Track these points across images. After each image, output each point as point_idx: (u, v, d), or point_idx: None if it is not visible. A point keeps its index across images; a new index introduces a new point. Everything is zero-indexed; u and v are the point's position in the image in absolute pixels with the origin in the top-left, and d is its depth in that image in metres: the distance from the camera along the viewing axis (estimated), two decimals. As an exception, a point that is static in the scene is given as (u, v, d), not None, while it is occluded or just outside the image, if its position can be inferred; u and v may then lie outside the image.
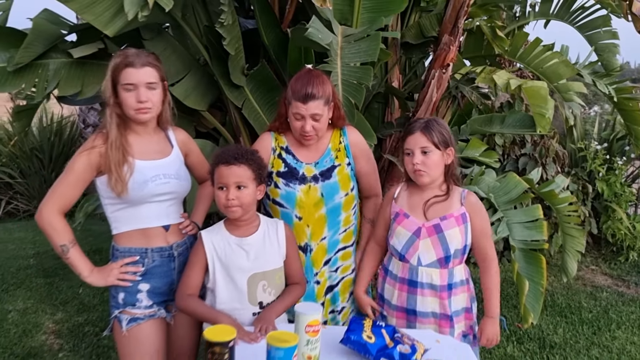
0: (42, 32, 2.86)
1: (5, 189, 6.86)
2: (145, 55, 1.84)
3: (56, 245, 1.80)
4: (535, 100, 3.33)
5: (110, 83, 1.81)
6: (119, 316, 1.86)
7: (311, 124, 1.97)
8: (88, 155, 1.79)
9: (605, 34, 4.14)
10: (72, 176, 1.80)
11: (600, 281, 4.39)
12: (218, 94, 3.45)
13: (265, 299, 1.87)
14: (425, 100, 3.52)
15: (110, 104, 1.81)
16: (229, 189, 1.80)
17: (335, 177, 2.06)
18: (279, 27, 3.28)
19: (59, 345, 3.23)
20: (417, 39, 3.78)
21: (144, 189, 1.82)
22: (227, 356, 1.22)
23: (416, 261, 1.92)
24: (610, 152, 5.16)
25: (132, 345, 1.85)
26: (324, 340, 1.57)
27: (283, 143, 2.10)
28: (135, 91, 1.79)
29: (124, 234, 1.88)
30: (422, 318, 1.93)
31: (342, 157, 2.09)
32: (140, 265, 1.87)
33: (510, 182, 3.15)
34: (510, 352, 3.14)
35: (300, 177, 2.05)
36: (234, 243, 1.86)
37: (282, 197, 2.05)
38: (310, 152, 2.09)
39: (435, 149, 1.90)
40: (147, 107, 1.82)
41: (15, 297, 3.93)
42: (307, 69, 2.07)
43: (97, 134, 1.83)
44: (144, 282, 1.88)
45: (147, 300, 1.89)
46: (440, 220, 1.92)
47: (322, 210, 2.05)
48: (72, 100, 3.46)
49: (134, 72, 1.79)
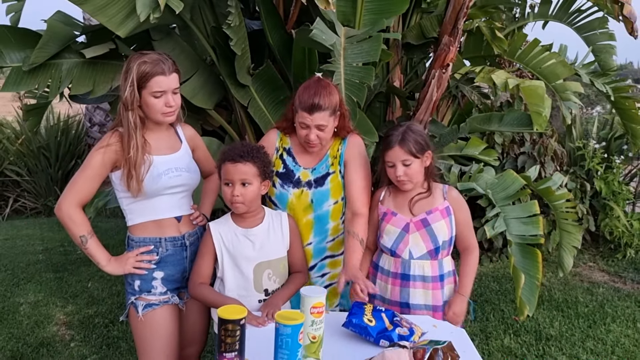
0: (55, 33, 2.97)
1: (13, 186, 6.98)
2: (170, 61, 1.90)
3: (75, 237, 1.88)
4: (533, 99, 3.43)
5: (135, 89, 1.85)
6: (135, 302, 1.95)
7: (316, 134, 2.02)
8: (104, 152, 1.87)
9: (602, 35, 4.23)
10: (89, 171, 1.87)
11: (598, 277, 4.47)
12: (224, 93, 3.55)
13: (270, 286, 1.98)
14: (425, 99, 3.61)
15: (133, 108, 1.86)
16: (234, 185, 1.90)
17: (328, 184, 2.10)
18: (284, 29, 3.38)
19: (70, 335, 3.33)
20: (418, 39, 3.87)
21: (157, 182, 1.91)
22: (238, 333, 1.32)
23: (408, 255, 2.03)
24: (608, 150, 5.24)
25: (147, 329, 1.94)
26: (327, 324, 1.66)
27: (287, 144, 2.17)
28: (164, 97, 1.88)
29: (138, 225, 1.96)
30: (415, 310, 2.02)
31: (336, 164, 2.13)
32: (155, 254, 1.96)
33: (508, 179, 3.23)
34: (507, 344, 3.23)
35: (295, 180, 2.12)
36: (240, 234, 1.96)
37: (276, 196, 2.14)
38: (310, 158, 2.14)
39: (415, 158, 2.00)
40: (174, 110, 1.92)
41: (26, 291, 4.03)
42: (316, 77, 2.08)
43: (113, 132, 1.90)
44: (159, 270, 1.97)
45: (162, 287, 1.98)
46: (426, 215, 2.03)
47: (310, 216, 2.10)
48: (83, 99, 3.57)
49: (165, 80, 1.86)
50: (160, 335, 1.95)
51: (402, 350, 1.36)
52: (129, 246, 1.99)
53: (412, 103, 3.94)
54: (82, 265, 4.58)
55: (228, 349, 1.32)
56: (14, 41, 2.98)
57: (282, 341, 1.36)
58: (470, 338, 3.24)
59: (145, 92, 1.87)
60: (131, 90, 1.85)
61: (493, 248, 4.69)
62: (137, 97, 1.86)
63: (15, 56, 3.00)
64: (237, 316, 1.32)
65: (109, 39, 3.15)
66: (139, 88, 1.86)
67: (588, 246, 5.15)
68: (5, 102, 13.39)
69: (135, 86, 1.85)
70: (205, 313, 2.11)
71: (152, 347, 1.94)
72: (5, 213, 6.74)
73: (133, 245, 1.97)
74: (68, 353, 3.10)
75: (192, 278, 1.98)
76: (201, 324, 2.13)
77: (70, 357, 3.07)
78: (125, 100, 1.86)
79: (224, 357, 1.33)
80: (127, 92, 1.85)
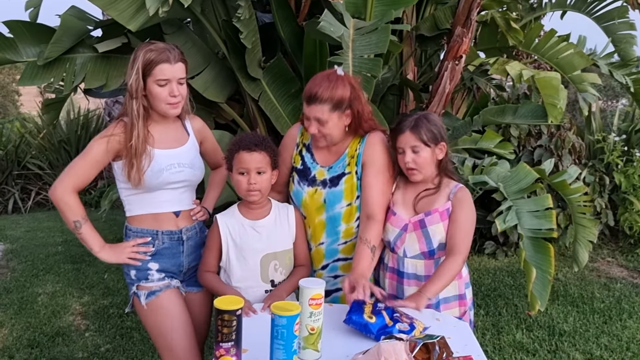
0: (69, 28, 3.02)
1: (35, 180, 7.13)
2: (177, 51, 1.88)
3: (69, 221, 1.87)
4: (548, 90, 3.37)
5: (140, 77, 1.83)
6: (137, 292, 1.96)
7: (316, 127, 1.95)
8: (107, 141, 1.85)
9: (621, 24, 4.14)
10: (89, 158, 1.86)
11: (616, 273, 4.39)
12: (236, 86, 3.57)
13: (276, 277, 1.99)
14: (438, 91, 3.58)
15: (137, 97, 1.84)
16: (250, 174, 1.92)
17: (342, 185, 2.03)
18: (295, 21, 3.38)
19: (85, 325, 3.40)
20: (431, 31, 3.83)
21: (158, 177, 1.90)
22: (234, 323, 1.33)
23: (402, 253, 1.99)
24: (629, 143, 5.13)
25: (155, 315, 1.94)
26: (328, 319, 1.67)
27: (307, 140, 2.12)
28: (168, 86, 1.84)
29: (136, 216, 1.96)
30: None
31: (353, 164, 2.03)
32: (151, 246, 1.96)
33: (521, 172, 3.18)
34: (519, 339, 3.20)
35: (310, 178, 2.07)
36: (247, 225, 1.98)
37: (293, 193, 2.12)
38: (329, 155, 2.07)
39: (425, 146, 1.91)
40: (178, 101, 1.88)
41: (44, 282, 4.12)
42: (328, 71, 1.99)
43: (118, 122, 1.89)
44: (154, 262, 1.97)
45: (158, 274, 1.97)
46: (425, 216, 1.96)
47: (323, 216, 2.06)
48: (97, 93, 3.63)
49: (169, 68, 1.83)
50: (172, 315, 1.94)
51: (397, 343, 1.35)
52: (126, 235, 2.00)
53: (425, 95, 3.91)
54: (100, 257, 4.66)
55: (224, 339, 1.34)
56: (29, 36, 3.04)
57: (277, 332, 1.37)
58: (481, 333, 3.26)
59: (150, 80, 1.84)
60: (136, 77, 1.83)
61: (508, 242, 4.64)
62: (142, 85, 1.83)
63: (30, 51, 3.06)
64: (234, 307, 1.33)
65: (122, 34, 3.18)
66: (144, 76, 1.83)
67: (607, 241, 5.06)
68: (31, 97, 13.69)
69: (140, 74, 1.83)
70: (207, 304, 2.12)
71: (165, 328, 1.93)
72: (28, 206, 6.89)
73: (130, 235, 1.97)
74: (82, 342, 3.17)
75: (200, 268, 2.02)
76: (204, 314, 2.13)
77: (84, 346, 3.13)
78: (130, 88, 1.85)
79: (220, 347, 1.34)
80: (132, 79, 1.84)
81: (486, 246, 4.67)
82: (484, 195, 4.14)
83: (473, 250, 4.77)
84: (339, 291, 2.07)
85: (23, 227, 5.79)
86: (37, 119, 7.80)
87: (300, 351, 1.50)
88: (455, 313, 2.01)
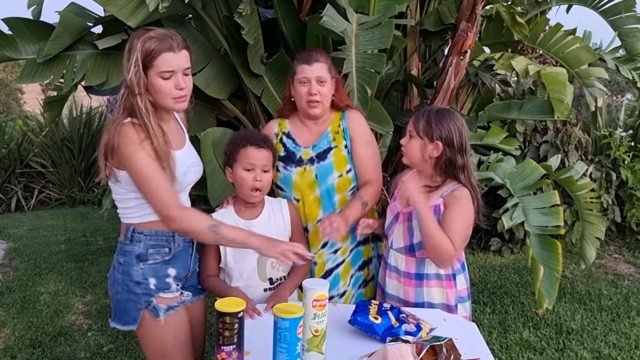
0: (69, 24, 2.98)
1: (38, 178, 7.12)
2: (179, 37, 1.67)
3: (205, 233, 1.67)
4: (554, 85, 3.32)
5: (141, 69, 1.62)
6: (157, 305, 1.73)
7: (317, 88, 2.04)
8: (142, 148, 1.63)
9: (628, 18, 4.07)
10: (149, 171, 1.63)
11: (623, 269, 4.34)
12: (238, 83, 3.53)
13: (274, 275, 1.97)
14: (443, 87, 3.53)
15: (141, 92, 1.63)
16: (256, 170, 1.90)
17: (331, 158, 2.10)
18: (298, 17, 3.33)
19: (87, 325, 3.38)
20: (435, 26, 3.78)
21: (186, 179, 1.76)
22: (236, 326, 1.30)
23: (390, 243, 1.99)
24: (635, 139, 5.07)
25: (167, 335, 1.74)
26: (332, 320, 1.64)
27: (285, 128, 2.19)
28: (174, 78, 1.65)
29: (150, 222, 1.74)
30: (389, 299, 1.98)
31: (339, 139, 2.13)
32: (167, 250, 1.76)
33: (527, 168, 3.15)
34: (526, 337, 3.16)
35: (297, 160, 2.12)
36: (242, 225, 1.94)
37: (281, 180, 2.14)
38: (311, 135, 2.15)
39: (417, 136, 1.91)
40: (185, 94, 1.68)
41: (47, 281, 4.10)
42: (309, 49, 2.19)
43: (134, 125, 1.65)
44: (171, 267, 1.77)
45: (176, 286, 1.79)
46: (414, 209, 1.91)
47: (316, 192, 2.11)
48: (97, 91, 3.59)
49: (173, 58, 1.63)
50: (181, 336, 1.77)
51: (404, 345, 1.32)
52: (133, 240, 1.74)
53: (430, 91, 3.86)
54: (102, 256, 4.65)
55: (226, 342, 1.31)
56: (29, 33, 3.00)
57: (280, 335, 1.34)
58: (488, 331, 3.22)
59: (152, 72, 1.63)
60: (136, 70, 1.61)
61: (514, 239, 4.59)
62: (144, 78, 1.62)
63: (30, 48, 3.02)
64: (235, 309, 1.30)
65: (122, 30, 3.14)
66: (144, 68, 1.62)
67: (614, 237, 5.01)
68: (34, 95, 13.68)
69: (141, 66, 1.61)
70: (204, 314, 1.99)
71: (172, 350, 1.75)
72: (31, 204, 6.89)
73: (142, 239, 1.73)
74: (85, 342, 3.14)
75: (202, 272, 1.97)
76: (202, 323, 1.99)
77: (87, 346, 3.10)
78: (131, 83, 1.63)
79: (222, 351, 1.31)
80: (131, 73, 1.62)
81: (492, 243, 4.62)
82: (489, 192, 4.10)
83: (478, 247, 4.73)
84: (339, 266, 2.15)
85: (26, 226, 5.78)
86: (39, 117, 7.78)
87: (304, 353, 1.46)
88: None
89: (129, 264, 1.74)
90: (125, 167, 1.66)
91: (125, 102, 1.67)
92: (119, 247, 1.79)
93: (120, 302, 1.76)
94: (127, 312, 1.75)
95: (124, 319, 1.76)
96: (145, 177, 1.63)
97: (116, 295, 1.77)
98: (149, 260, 1.74)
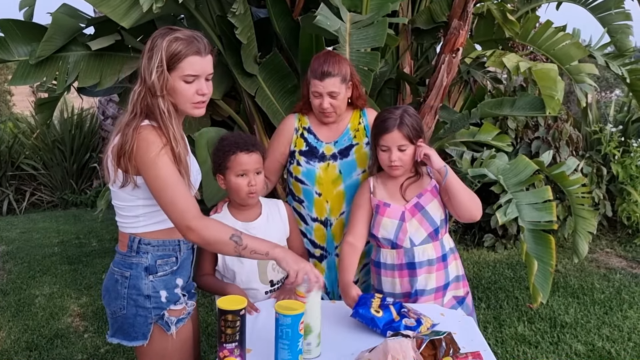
0: (61, 25, 2.97)
1: (29, 180, 7.07)
2: (205, 40, 1.60)
3: (227, 244, 1.55)
4: (545, 82, 3.35)
5: (165, 70, 1.54)
6: (169, 319, 1.66)
7: (329, 101, 2.06)
8: (165, 152, 1.55)
9: (617, 15, 4.11)
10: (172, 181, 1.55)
11: (615, 263, 4.39)
12: (232, 82, 3.53)
13: (275, 277, 1.98)
14: (435, 85, 3.55)
15: (163, 94, 1.56)
16: (250, 175, 1.89)
17: (353, 155, 2.16)
18: (290, 16, 3.34)
19: (84, 327, 3.37)
20: (427, 24, 3.80)
21: (195, 185, 1.70)
22: (238, 323, 1.31)
23: (409, 243, 1.97)
24: (625, 134, 5.13)
25: (177, 347, 1.68)
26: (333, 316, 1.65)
27: (305, 124, 2.21)
28: (196, 82, 1.57)
29: (156, 231, 1.66)
30: (421, 296, 1.97)
31: (360, 136, 2.18)
32: (175, 259, 1.69)
33: (520, 164, 3.17)
34: (521, 332, 3.19)
35: (320, 155, 2.16)
36: (241, 228, 1.93)
37: (303, 174, 2.17)
38: (330, 132, 2.19)
39: (411, 144, 1.94)
40: (205, 100, 1.61)
41: (41, 283, 4.08)
42: (326, 50, 2.19)
43: (154, 128, 1.57)
44: (179, 277, 1.70)
45: (182, 296, 1.72)
46: (418, 198, 1.98)
47: (341, 187, 2.15)
48: (91, 92, 3.58)
49: (200, 62, 1.56)
50: (189, 351, 1.74)
51: (404, 340, 1.33)
52: (140, 252, 1.65)
53: (422, 89, 3.88)
54: (97, 257, 4.63)
55: (228, 339, 1.31)
56: (21, 35, 2.99)
57: (282, 331, 1.35)
58: (483, 326, 3.25)
59: (175, 75, 1.55)
60: (160, 71, 1.53)
61: (507, 235, 4.63)
62: (168, 80, 1.54)
63: (22, 50, 3.01)
64: (237, 307, 1.31)
65: (115, 31, 3.14)
66: (168, 69, 1.55)
67: (605, 232, 5.06)
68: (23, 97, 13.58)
69: (165, 67, 1.53)
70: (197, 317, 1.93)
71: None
72: (23, 207, 6.84)
73: (149, 250, 1.64)
74: (82, 344, 3.14)
75: (197, 272, 1.96)
76: (197, 329, 1.93)
77: (83, 348, 3.10)
78: (153, 85, 1.54)
79: (224, 348, 1.32)
80: (154, 74, 1.53)
81: (485, 239, 4.66)
82: (481, 189, 4.13)
83: (472, 244, 4.77)
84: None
85: (18, 229, 5.75)
86: (30, 119, 7.74)
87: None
88: (454, 293, 2.04)
89: (137, 277, 1.63)
90: (144, 173, 1.56)
91: (141, 104, 1.58)
92: (120, 259, 1.67)
93: (126, 317, 1.65)
94: (136, 327, 1.65)
95: (132, 334, 1.66)
96: (167, 184, 1.54)
97: (120, 311, 1.66)
98: (158, 272, 1.66)
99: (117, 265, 1.68)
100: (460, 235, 4.87)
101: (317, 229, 2.20)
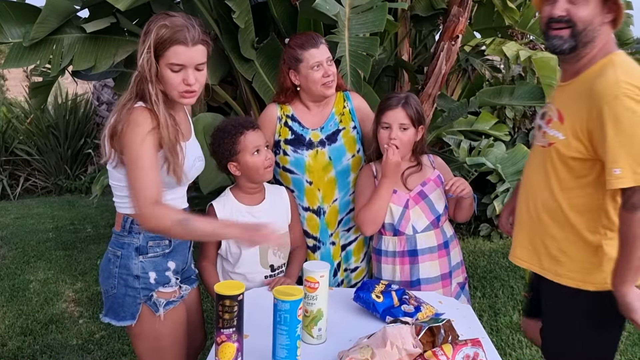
0: (55, 7, 2.91)
1: (23, 165, 7.01)
2: (197, 30, 1.55)
3: (177, 230, 1.52)
4: (545, 71, 3.33)
5: (152, 56, 1.52)
6: (157, 300, 1.65)
7: (330, 69, 2.02)
8: (151, 135, 1.54)
9: (618, 4, 4.08)
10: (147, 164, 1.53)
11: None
12: (229, 68, 3.49)
13: (275, 262, 1.98)
14: (434, 72, 3.53)
15: (152, 80, 1.54)
16: (262, 150, 1.92)
17: (341, 140, 2.10)
18: (288, 0, 3.30)
19: (79, 312, 3.35)
20: (426, 11, 3.77)
21: (190, 173, 1.69)
22: (236, 308, 1.29)
23: (411, 230, 1.97)
24: (622, 125, 5.12)
25: (166, 329, 1.68)
26: (333, 301, 1.64)
27: (288, 111, 2.13)
28: (183, 72, 1.54)
29: None
30: (426, 285, 1.97)
31: (346, 120, 2.13)
32: (168, 242, 1.69)
33: (518, 153, 3.18)
34: (516, 320, 3.20)
35: (307, 142, 2.09)
36: (245, 211, 1.94)
37: (292, 163, 2.10)
38: (315, 118, 2.13)
39: (412, 126, 1.95)
40: (194, 89, 1.58)
41: (36, 269, 4.06)
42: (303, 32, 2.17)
43: (144, 108, 1.56)
44: (171, 261, 1.71)
45: (175, 280, 1.72)
46: (422, 187, 2.00)
47: (332, 173, 2.09)
48: (85, 75, 3.53)
49: (185, 52, 1.51)
50: (180, 335, 1.72)
51: (403, 326, 1.32)
52: (134, 232, 1.65)
53: (420, 77, 3.86)
54: (92, 243, 4.61)
55: (225, 325, 1.30)
56: (14, 17, 2.94)
57: (280, 317, 1.33)
58: (478, 314, 3.24)
59: (162, 62, 1.53)
60: (148, 57, 1.52)
61: (503, 224, 4.63)
62: (155, 66, 1.53)
63: (15, 32, 2.96)
64: (235, 292, 1.29)
65: (110, 13, 3.09)
66: (156, 56, 1.52)
67: (600, 222, 5.07)
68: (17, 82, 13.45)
69: (152, 54, 1.51)
70: (200, 301, 1.94)
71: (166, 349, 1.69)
72: (17, 192, 6.79)
73: (141, 231, 1.64)
74: (77, 329, 3.12)
75: (200, 257, 1.97)
76: (199, 315, 1.93)
77: (78, 333, 3.09)
78: (142, 68, 1.54)
79: (221, 334, 1.31)
80: (143, 58, 1.53)
81: (481, 228, 4.66)
82: (478, 178, 4.13)
83: (468, 233, 4.77)
84: (352, 243, 2.17)
85: (12, 214, 5.70)
86: (24, 104, 7.65)
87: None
88: (459, 280, 2.06)
89: (127, 257, 1.64)
90: (125, 152, 1.55)
91: (137, 87, 1.58)
92: (114, 239, 1.68)
93: (116, 297, 1.65)
94: (125, 307, 1.65)
95: (121, 314, 1.66)
96: (136, 166, 1.52)
97: (111, 290, 1.66)
98: (149, 253, 1.66)
99: (111, 244, 1.69)
100: (456, 224, 4.87)
101: (310, 218, 2.13)
